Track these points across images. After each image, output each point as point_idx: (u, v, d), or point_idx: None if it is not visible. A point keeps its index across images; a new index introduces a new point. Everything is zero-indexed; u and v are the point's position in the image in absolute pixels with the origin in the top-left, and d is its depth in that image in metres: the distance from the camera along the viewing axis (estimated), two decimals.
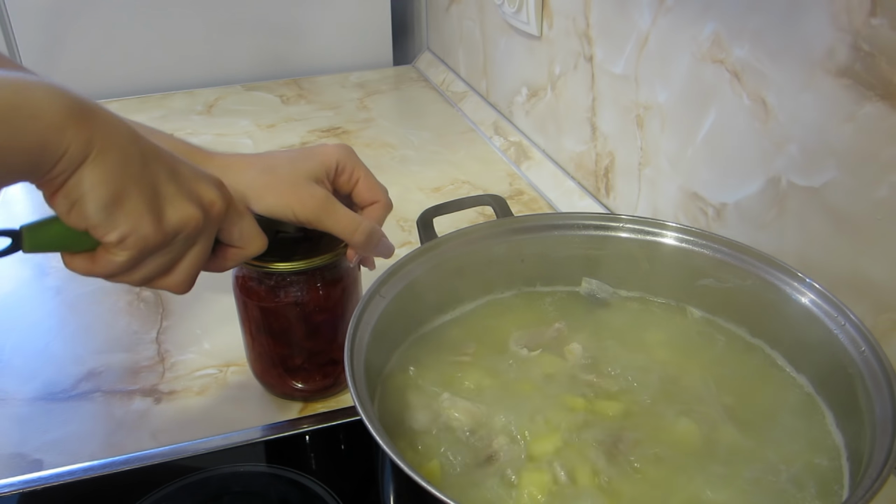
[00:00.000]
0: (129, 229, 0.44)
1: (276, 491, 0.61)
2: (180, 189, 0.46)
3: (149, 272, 0.48)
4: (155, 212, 0.44)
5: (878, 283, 0.59)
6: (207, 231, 0.49)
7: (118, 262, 0.45)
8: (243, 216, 0.52)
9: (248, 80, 1.45)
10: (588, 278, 0.66)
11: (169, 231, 0.46)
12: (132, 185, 0.43)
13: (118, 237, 0.44)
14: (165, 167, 0.45)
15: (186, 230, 0.46)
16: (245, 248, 0.53)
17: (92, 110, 0.41)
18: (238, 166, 0.58)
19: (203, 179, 0.48)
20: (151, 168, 0.44)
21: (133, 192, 0.43)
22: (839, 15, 0.58)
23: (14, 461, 0.64)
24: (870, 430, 0.47)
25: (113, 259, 0.45)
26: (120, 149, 0.42)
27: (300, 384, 0.68)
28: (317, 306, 0.63)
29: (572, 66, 0.99)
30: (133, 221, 0.44)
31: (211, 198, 0.48)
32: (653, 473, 0.50)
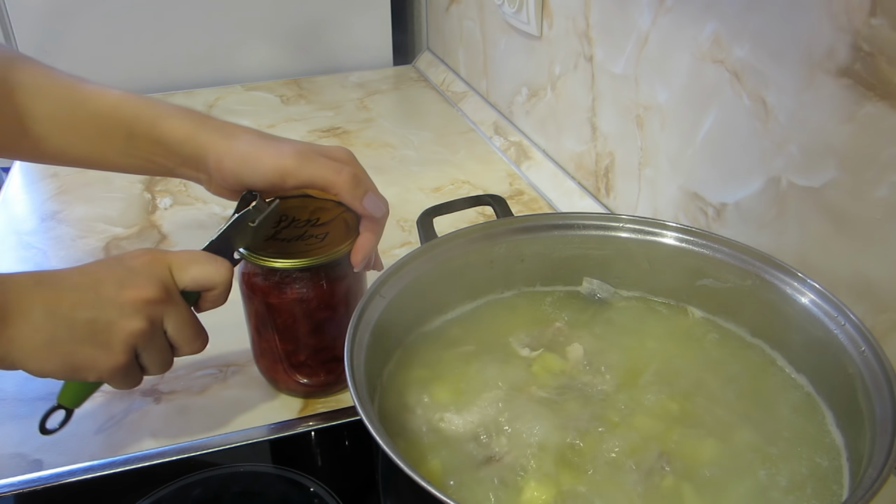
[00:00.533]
0: (98, 373, 0.52)
1: (276, 491, 0.61)
2: (112, 313, 0.51)
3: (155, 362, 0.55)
4: (104, 347, 0.51)
5: (878, 283, 0.59)
6: (164, 310, 0.53)
7: (120, 385, 0.54)
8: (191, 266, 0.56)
9: (248, 80, 1.45)
10: (588, 278, 0.66)
11: (126, 350, 0.52)
12: (71, 348, 0.50)
13: (98, 378, 0.53)
14: (91, 307, 0.50)
15: (139, 340, 0.52)
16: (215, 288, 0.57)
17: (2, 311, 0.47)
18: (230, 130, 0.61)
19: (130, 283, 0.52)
20: (78, 321, 0.50)
21: (75, 351, 0.50)
22: (839, 15, 0.58)
23: (14, 461, 0.64)
24: (870, 430, 0.47)
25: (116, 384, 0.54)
26: (43, 332, 0.49)
27: (304, 380, 0.68)
28: (321, 303, 0.63)
29: (572, 66, 0.99)
30: (93, 368, 0.51)
31: (144, 297, 0.52)
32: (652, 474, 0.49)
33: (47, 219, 1.00)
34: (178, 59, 1.41)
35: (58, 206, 1.03)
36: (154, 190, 1.06)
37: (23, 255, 0.93)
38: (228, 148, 0.59)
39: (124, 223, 0.98)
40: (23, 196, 1.08)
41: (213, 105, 1.35)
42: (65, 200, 1.04)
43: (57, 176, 1.10)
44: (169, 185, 1.07)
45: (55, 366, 0.50)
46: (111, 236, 0.96)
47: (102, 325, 0.50)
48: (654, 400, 0.55)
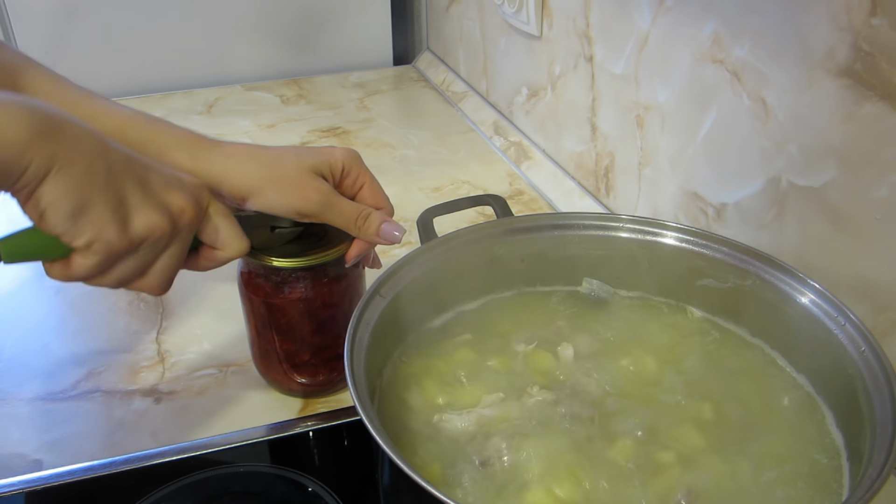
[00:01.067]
0: (94, 236, 0.46)
1: (276, 491, 0.61)
2: (147, 198, 0.48)
3: (121, 275, 0.50)
4: (120, 220, 0.47)
5: (878, 283, 0.59)
6: (178, 237, 0.51)
7: (88, 265, 0.48)
8: (224, 219, 0.53)
9: (248, 80, 1.45)
10: (588, 278, 0.66)
11: (134, 238, 0.48)
12: (96, 195, 0.46)
13: (84, 243, 0.46)
14: (134, 177, 0.48)
15: (152, 237, 0.49)
16: (224, 251, 0.54)
17: (58, 126, 0.44)
18: (241, 156, 0.59)
19: (175, 187, 0.50)
20: (118, 178, 0.47)
21: (97, 201, 0.46)
22: (839, 15, 0.58)
23: (14, 461, 0.64)
24: (870, 430, 0.47)
25: (84, 262, 0.48)
26: (84, 161, 0.45)
27: (306, 379, 0.68)
28: (323, 302, 0.63)
29: (572, 66, 0.99)
30: (97, 228, 0.46)
31: (181, 206, 0.50)
32: (652, 474, 0.50)
33: None
34: (178, 59, 1.41)
35: None
36: None
37: None
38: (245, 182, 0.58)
39: None
40: None
41: (213, 105, 1.35)
42: None
43: None
44: None
45: (69, 203, 0.45)
46: None
47: (134, 202, 0.47)
48: (653, 400, 0.55)
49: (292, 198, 0.57)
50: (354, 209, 0.60)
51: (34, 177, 0.43)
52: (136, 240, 0.48)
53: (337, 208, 0.59)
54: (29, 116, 0.42)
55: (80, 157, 0.45)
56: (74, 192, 0.45)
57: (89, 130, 0.46)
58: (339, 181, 0.61)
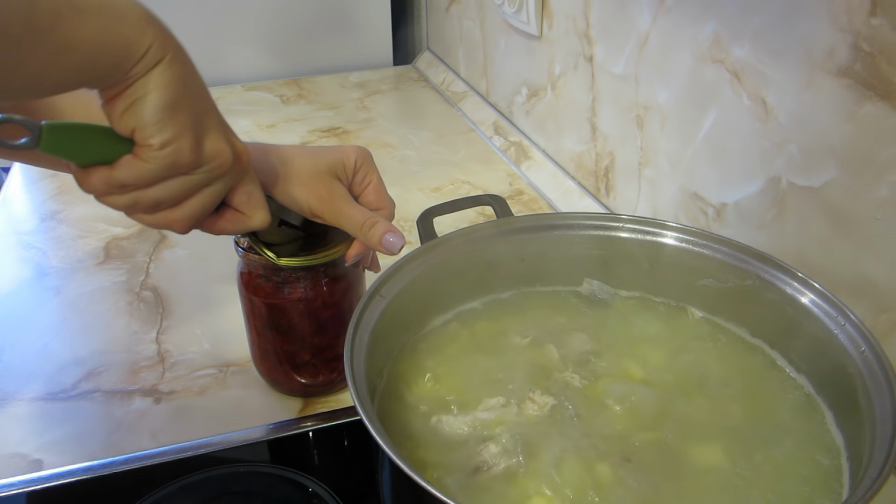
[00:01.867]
0: (173, 137, 0.45)
1: (276, 491, 0.61)
2: (220, 127, 0.49)
3: (162, 195, 0.48)
4: (197, 134, 0.47)
5: (878, 283, 0.59)
6: (228, 176, 0.50)
7: (146, 169, 0.46)
8: (256, 185, 0.53)
9: (248, 80, 1.45)
10: (589, 279, 0.66)
11: (202, 157, 0.48)
12: (189, 100, 0.46)
13: (161, 142, 0.45)
14: (212, 104, 0.49)
15: (215, 163, 0.48)
16: (248, 216, 0.54)
17: (163, 22, 0.45)
18: (257, 151, 0.58)
19: (235, 135, 0.51)
20: (204, 96, 0.48)
21: (188, 106, 0.46)
22: (839, 15, 0.58)
23: (14, 461, 0.64)
24: (870, 430, 0.47)
25: (141, 166, 0.46)
26: (187, 63, 0.46)
27: (307, 379, 0.68)
28: (323, 302, 0.63)
29: (572, 66, 0.99)
30: (178, 132, 0.46)
31: (241, 147, 0.51)
32: (651, 474, 0.50)
33: (47, 219, 1.00)
34: None
35: (58, 205, 1.03)
36: None
37: (23, 255, 0.93)
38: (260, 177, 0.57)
39: (124, 223, 0.98)
40: (23, 196, 1.08)
41: None
42: (65, 200, 1.04)
43: (57, 176, 1.10)
44: None
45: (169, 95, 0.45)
46: (111, 236, 0.96)
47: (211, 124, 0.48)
48: (653, 401, 0.55)
49: (307, 194, 0.58)
50: (363, 216, 0.60)
51: (148, 63, 0.43)
52: (203, 159, 0.48)
53: (346, 213, 0.59)
54: (140, 5, 0.43)
55: (184, 57, 0.46)
56: (174, 88, 0.45)
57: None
58: (351, 179, 0.61)
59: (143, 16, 0.43)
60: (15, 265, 0.91)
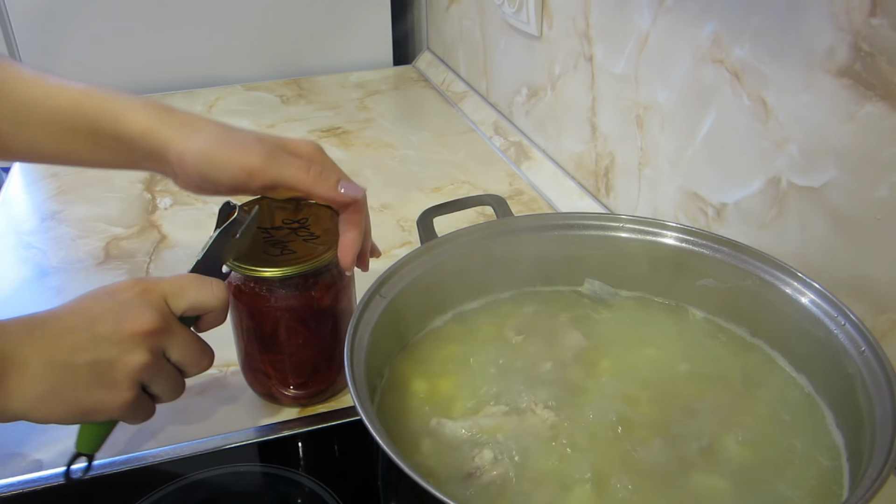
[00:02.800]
0: (109, 412, 0.51)
1: (276, 491, 0.61)
2: (110, 351, 0.49)
3: (167, 390, 0.54)
4: (108, 387, 0.50)
5: (878, 283, 0.59)
6: (165, 339, 0.52)
7: (133, 419, 0.54)
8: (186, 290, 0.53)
9: (248, 80, 1.45)
10: (590, 279, 0.66)
11: (132, 383, 0.50)
12: (75, 393, 0.49)
13: (108, 418, 0.52)
14: (88, 349, 0.49)
15: (145, 373, 0.51)
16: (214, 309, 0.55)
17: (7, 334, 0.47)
18: (194, 123, 0.58)
19: (125, 317, 0.50)
20: (79, 366, 0.49)
21: (81, 398, 0.49)
22: (839, 15, 0.58)
23: (14, 461, 0.64)
24: (870, 430, 0.47)
25: (130, 420, 0.54)
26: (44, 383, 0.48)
27: (293, 391, 0.67)
28: (310, 311, 0.62)
29: (572, 66, 0.99)
30: (103, 408, 0.50)
31: (143, 328, 0.50)
32: (652, 474, 0.50)
33: (47, 219, 1.00)
34: (178, 59, 1.41)
35: (58, 206, 1.03)
36: (154, 190, 1.06)
37: (23, 254, 0.93)
38: (191, 144, 0.56)
39: (124, 223, 0.98)
40: (23, 196, 1.08)
41: (213, 105, 1.35)
42: (65, 200, 1.04)
43: (57, 176, 1.10)
44: (169, 184, 1.07)
45: (61, 413, 0.49)
46: (111, 236, 0.96)
47: (105, 366, 0.49)
48: (653, 401, 0.55)
49: (237, 154, 0.56)
50: (303, 161, 0.58)
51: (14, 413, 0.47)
52: (136, 384, 0.51)
53: (284, 160, 0.57)
54: None
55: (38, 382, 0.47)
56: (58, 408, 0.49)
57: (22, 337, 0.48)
58: None
59: None
60: (15, 265, 0.91)
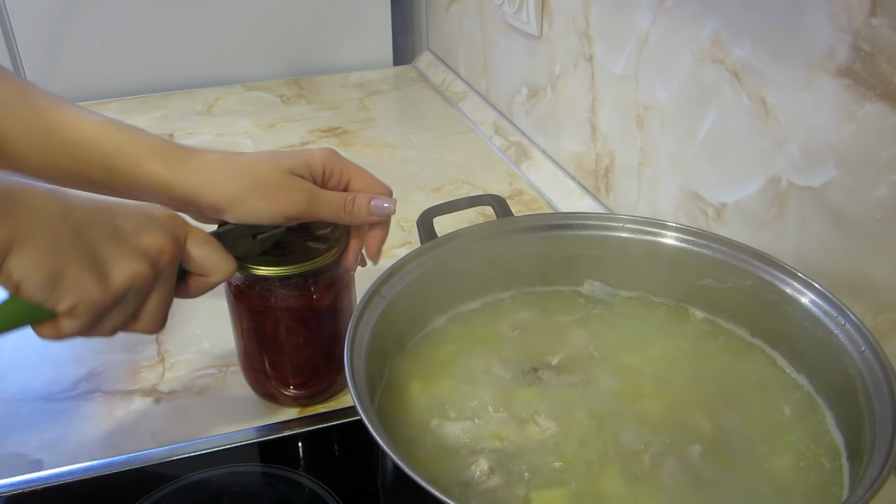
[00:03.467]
0: (77, 299, 0.46)
1: (277, 491, 0.61)
2: (122, 248, 0.47)
3: (114, 325, 0.49)
4: (99, 277, 0.46)
5: (878, 283, 0.59)
6: (162, 277, 0.50)
7: (77, 325, 0.47)
8: (204, 245, 0.52)
9: (248, 79, 1.45)
10: (590, 280, 0.66)
11: (118, 291, 0.47)
12: (68, 259, 0.45)
13: (67, 307, 0.46)
14: (104, 229, 0.47)
15: (135, 286, 0.48)
16: (211, 277, 0.53)
17: (12, 200, 0.43)
18: (217, 164, 0.57)
19: (148, 228, 0.49)
20: (87, 237, 0.46)
21: (70, 264, 0.45)
22: (839, 15, 0.58)
23: (14, 461, 0.64)
24: (870, 430, 0.47)
25: (72, 324, 0.47)
26: (47, 230, 0.44)
27: (293, 390, 0.67)
28: (310, 311, 0.62)
29: (572, 66, 0.99)
30: (78, 291, 0.46)
31: (158, 246, 0.49)
32: (651, 475, 0.50)
33: None
34: (178, 59, 1.41)
35: None
36: None
37: None
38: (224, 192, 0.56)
39: None
40: None
41: (213, 105, 1.35)
42: None
43: None
44: None
45: (41, 273, 0.44)
46: None
47: (108, 254, 0.46)
48: (653, 400, 0.55)
49: (276, 201, 0.56)
50: (340, 197, 0.59)
51: (1, 254, 0.43)
52: (120, 292, 0.47)
53: (323, 201, 0.58)
54: None
55: (41, 228, 0.44)
56: (44, 262, 0.44)
57: (47, 193, 0.45)
58: (323, 182, 0.60)
59: None
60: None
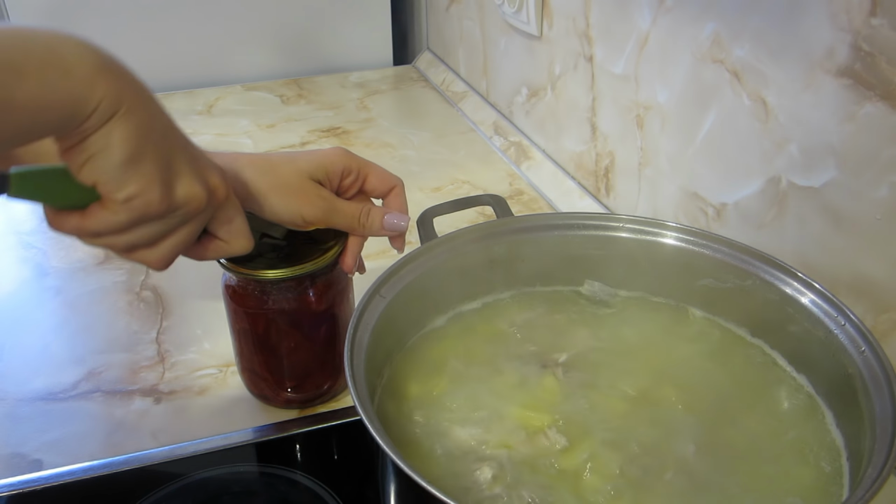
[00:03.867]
0: (138, 190, 0.43)
1: (276, 491, 0.61)
2: (192, 166, 0.46)
3: (136, 239, 0.47)
4: (166, 181, 0.45)
5: (878, 283, 0.59)
6: (204, 214, 0.49)
7: (115, 220, 0.45)
8: (238, 212, 0.52)
9: (248, 80, 1.45)
10: (590, 280, 0.66)
11: (174, 203, 0.46)
12: (151, 149, 0.43)
13: (126, 196, 0.43)
14: (182, 142, 0.46)
15: (188, 207, 0.46)
16: (230, 244, 0.53)
17: (121, 68, 0.42)
18: (238, 164, 0.57)
19: (212, 168, 0.49)
20: (171, 138, 0.45)
21: (151, 156, 0.43)
22: (839, 15, 0.58)
23: (14, 461, 0.64)
24: (870, 430, 0.47)
25: (110, 217, 0.44)
26: (146, 111, 0.43)
27: (285, 393, 0.67)
28: (304, 315, 0.62)
29: (572, 66, 0.99)
30: (144, 184, 0.44)
31: (216, 183, 0.48)
32: (651, 476, 0.50)
33: None
34: (178, 59, 1.41)
35: None
36: None
37: (23, 254, 0.93)
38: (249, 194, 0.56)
39: None
40: None
41: (213, 105, 1.35)
42: None
43: None
44: None
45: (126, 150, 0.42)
46: None
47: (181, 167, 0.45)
48: (653, 401, 0.55)
49: (297, 204, 0.57)
50: (356, 208, 0.60)
51: (100, 119, 0.40)
52: (175, 206, 0.46)
53: (341, 211, 0.59)
54: (95, 54, 0.40)
55: (144, 105, 0.42)
56: (133, 141, 0.42)
57: (144, 82, 0.44)
58: (340, 182, 0.60)
59: (93, 67, 0.39)
60: (15, 265, 0.91)
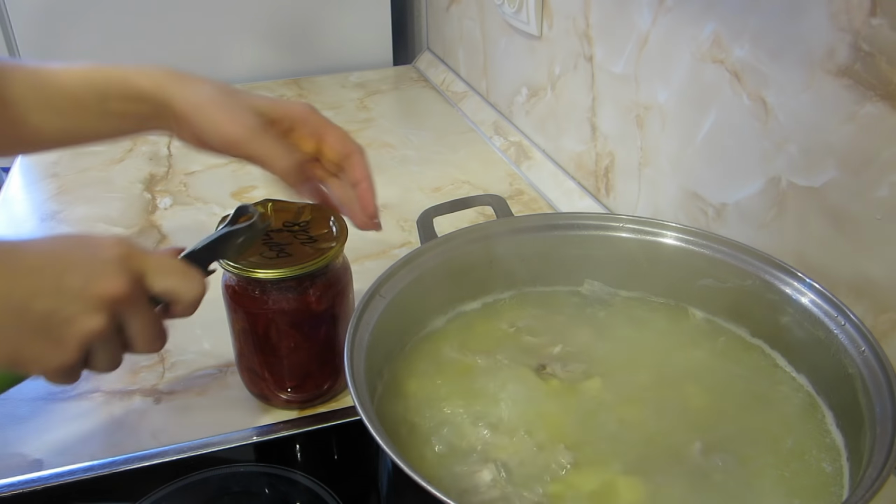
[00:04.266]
0: (41, 368, 0.47)
1: (276, 491, 0.61)
2: (74, 308, 0.46)
3: (105, 363, 0.50)
4: (55, 343, 0.46)
5: (878, 283, 0.59)
6: (130, 313, 0.48)
7: (59, 382, 0.49)
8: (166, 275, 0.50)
9: (249, 80, 1.45)
10: (590, 280, 0.66)
11: (81, 347, 0.47)
12: (18, 339, 0.45)
13: (37, 374, 0.47)
14: (49, 297, 0.45)
15: (98, 338, 0.47)
16: (179, 303, 0.52)
17: None
18: (201, 81, 0.59)
19: (101, 275, 0.47)
20: (33, 311, 0.45)
21: (23, 342, 0.45)
22: (839, 15, 0.58)
23: (14, 461, 0.64)
24: (870, 430, 0.47)
25: (54, 381, 0.48)
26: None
27: (284, 393, 0.67)
28: (303, 315, 0.62)
29: (572, 66, 0.99)
30: (39, 362, 0.46)
31: (113, 293, 0.47)
32: (651, 475, 0.50)
33: (47, 219, 1.00)
34: (178, 59, 1.41)
35: (58, 206, 1.03)
36: (154, 190, 1.06)
37: None
38: (192, 99, 0.58)
39: (124, 223, 0.98)
40: (23, 196, 1.08)
41: None
42: (65, 200, 1.04)
43: (57, 176, 1.10)
44: (169, 185, 1.08)
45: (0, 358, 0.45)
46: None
47: (60, 319, 0.45)
48: (654, 403, 0.55)
49: (224, 120, 0.57)
50: (282, 148, 0.58)
51: None
52: (83, 347, 0.47)
53: (263, 142, 0.57)
54: None
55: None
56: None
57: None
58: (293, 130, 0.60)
59: None
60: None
